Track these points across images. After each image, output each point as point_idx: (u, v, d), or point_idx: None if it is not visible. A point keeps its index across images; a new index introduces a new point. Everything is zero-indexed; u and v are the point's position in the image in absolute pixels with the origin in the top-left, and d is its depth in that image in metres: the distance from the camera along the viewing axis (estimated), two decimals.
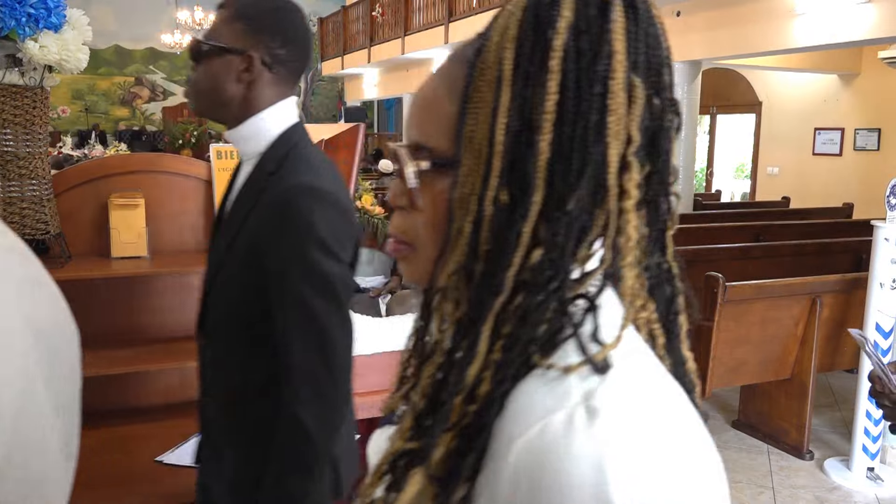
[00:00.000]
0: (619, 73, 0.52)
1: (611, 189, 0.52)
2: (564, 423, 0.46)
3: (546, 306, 0.51)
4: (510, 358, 0.50)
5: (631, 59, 0.53)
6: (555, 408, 0.47)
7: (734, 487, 3.33)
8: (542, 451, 0.46)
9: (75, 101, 16.25)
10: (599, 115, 0.51)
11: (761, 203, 8.62)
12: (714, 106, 10.69)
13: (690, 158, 7.71)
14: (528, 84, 0.52)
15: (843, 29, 5.88)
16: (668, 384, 0.52)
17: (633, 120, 0.52)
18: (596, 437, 0.45)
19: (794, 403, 3.73)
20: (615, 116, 0.52)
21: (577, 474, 0.45)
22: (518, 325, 0.51)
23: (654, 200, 0.56)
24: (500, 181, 0.53)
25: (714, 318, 3.42)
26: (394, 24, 12.97)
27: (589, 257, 0.53)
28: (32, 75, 1.90)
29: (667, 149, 0.56)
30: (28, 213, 1.98)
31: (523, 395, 0.49)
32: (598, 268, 0.52)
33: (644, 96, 0.53)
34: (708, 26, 7.15)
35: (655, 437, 0.47)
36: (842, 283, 3.76)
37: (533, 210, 0.52)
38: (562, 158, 0.51)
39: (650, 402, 0.49)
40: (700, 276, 3.59)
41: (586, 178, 0.52)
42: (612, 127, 0.52)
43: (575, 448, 0.45)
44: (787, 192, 8.76)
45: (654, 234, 0.56)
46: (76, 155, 9.08)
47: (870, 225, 3.50)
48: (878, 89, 8.56)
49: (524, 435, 0.47)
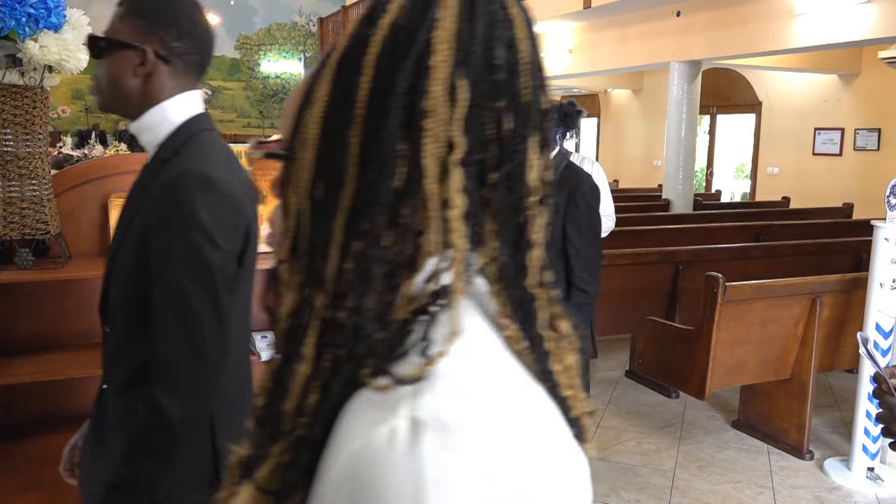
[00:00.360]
0: (438, 72, 0.49)
1: (430, 196, 0.49)
2: (388, 436, 0.45)
3: (372, 317, 0.48)
4: (339, 369, 0.49)
5: (459, 60, 0.50)
6: (381, 420, 0.46)
7: (734, 487, 3.34)
8: (362, 464, 0.45)
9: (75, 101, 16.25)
10: (407, 115, 0.49)
11: (761, 203, 8.62)
12: (714, 106, 10.70)
13: (690, 158, 7.71)
14: (346, 79, 0.52)
15: (843, 29, 5.89)
16: (508, 397, 0.49)
17: (454, 124, 0.49)
18: (417, 449, 0.44)
19: (794, 403, 3.73)
20: (433, 119, 0.49)
21: (395, 486, 0.44)
22: (348, 336, 0.49)
23: (504, 216, 0.53)
24: (316, 175, 0.52)
25: (714, 318, 3.42)
26: None
27: (418, 266, 0.50)
28: (32, 75, 1.90)
29: (519, 162, 0.53)
30: (28, 213, 1.98)
31: (354, 406, 0.48)
32: (431, 279, 0.49)
33: (468, 99, 0.50)
34: (708, 26, 7.15)
35: (480, 450, 0.45)
36: (842, 283, 3.76)
37: (342, 207, 0.50)
38: (373, 157, 0.50)
39: (480, 415, 0.46)
40: (700, 276, 3.59)
41: (397, 180, 0.49)
42: (430, 129, 0.49)
43: (395, 460, 0.44)
44: (787, 192, 8.77)
45: (508, 252, 0.54)
46: (76, 155, 9.07)
47: (870, 225, 3.50)
48: (878, 89, 8.56)
49: (348, 447, 0.46)
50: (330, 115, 0.52)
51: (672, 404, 4.41)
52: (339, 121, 0.51)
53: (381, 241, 0.49)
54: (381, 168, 0.49)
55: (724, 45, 7.02)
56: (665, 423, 4.12)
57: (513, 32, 0.53)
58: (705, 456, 3.69)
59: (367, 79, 0.51)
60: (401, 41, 0.50)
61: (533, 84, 0.53)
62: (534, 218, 0.54)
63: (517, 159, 0.53)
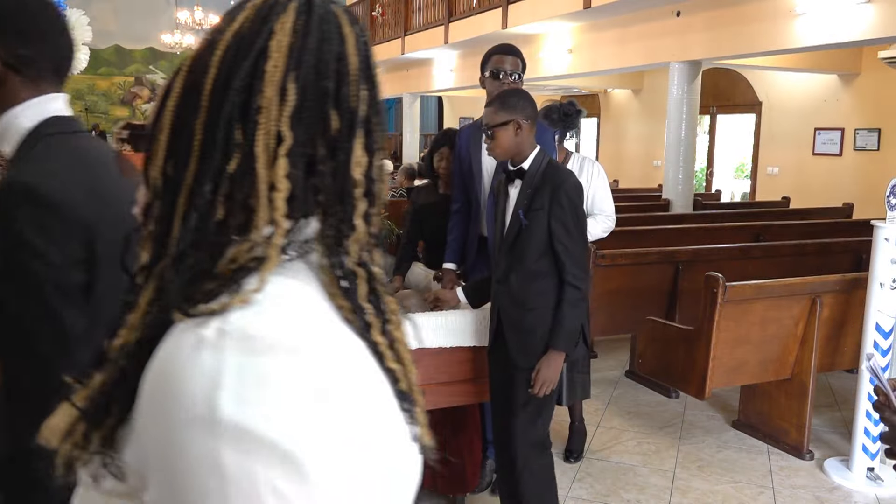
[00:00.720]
0: (271, 76, 0.59)
1: (259, 179, 0.58)
2: (194, 342, 0.52)
3: (200, 272, 0.57)
4: (163, 313, 0.56)
5: (291, 66, 0.60)
6: (190, 331, 0.53)
7: (734, 487, 3.34)
8: (168, 364, 0.52)
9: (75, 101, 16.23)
10: (243, 109, 0.59)
11: (761, 203, 8.62)
12: (714, 106, 10.69)
13: (690, 158, 7.71)
14: (196, 76, 0.61)
15: (843, 29, 5.88)
16: (311, 325, 0.57)
17: (284, 120, 0.59)
18: (220, 352, 0.51)
19: (794, 403, 3.73)
20: (265, 115, 0.59)
21: (193, 382, 0.50)
22: (177, 286, 0.57)
23: (331, 203, 0.62)
24: (168, 155, 0.61)
25: (714, 318, 3.42)
26: (394, 24, 12.98)
27: (246, 236, 0.59)
28: None
29: (344, 158, 0.63)
30: None
31: (171, 333, 0.55)
32: (252, 246, 0.58)
33: (296, 100, 0.60)
34: (708, 26, 7.15)
35: (279, 358, 0.52)
36: (842, 283, 3.76)
37: (186, 184, 0.59)
38: (213, 144, 0.59)
39: (282, 330, 0.54)
40: (700, 276, 3.59)
41: (232, 164, 0.58)
42: (263, 123, 0.59)
43: (197, 361, 0.51)
44: (787, 192, 8.76)
45: (332, 235, 0.63)
46: None
47: (870, 225, 3.50)
48: (878, 89, 8.56)
49: (160, 356, 0.54)
50: (182, 105, 0.61)
51: (672, 404, 4.41)
52: (189, 110, 0.60)
53: (214, 215, 0.58)
54: (219, 153, 0.59)
55: (724, 45, 7.01)
56: (665, 423, 4.12)
57: (344, 48, 0.64)
58: (705, 456, 3.69)
59: (211, 77, 0.60)
60: (241, 47, 0.61)
61: (361, 93, 0.64)
62: (357, 207, 0.64)
63: (342, 156, 0.63)
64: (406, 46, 12.43)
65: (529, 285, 2.39)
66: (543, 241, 2.35)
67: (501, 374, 2.49)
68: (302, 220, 0.62)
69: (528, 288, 2.40)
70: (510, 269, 2.42)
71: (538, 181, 2.36)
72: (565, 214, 2.32)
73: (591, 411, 4.17)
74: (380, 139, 0.66)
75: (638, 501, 3.22)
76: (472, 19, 10.13)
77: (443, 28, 11.03)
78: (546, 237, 2.34)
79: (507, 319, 2.45)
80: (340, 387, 0.55)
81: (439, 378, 2.58)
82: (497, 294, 2.49)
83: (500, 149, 2.39)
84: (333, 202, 0.63)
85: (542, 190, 2.34)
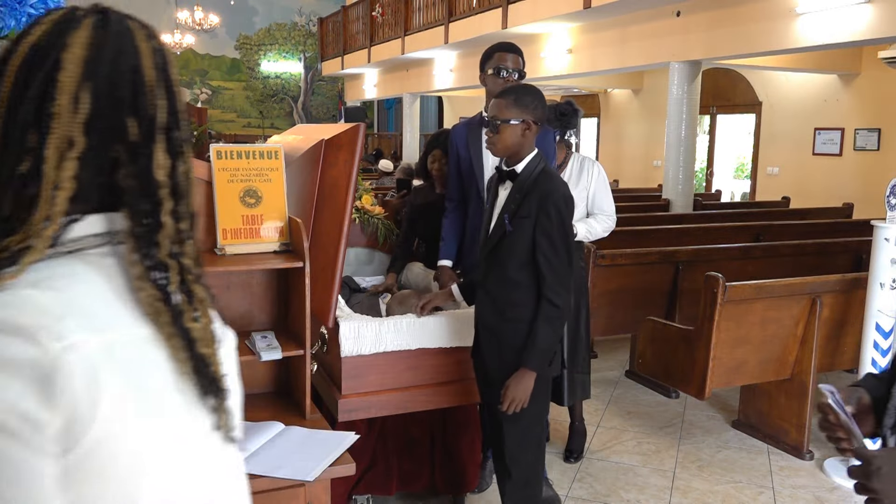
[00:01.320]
0: (64, 85, 0.66)
1: (46, 179, 0.65)
2: None
3: None
4: None
5: (85, 77, 0.67)
6: None
7: (734, 487, 3.34)
8: None
9: None
10: (37, 115, 0.65)
11: (761, 203, 8.61)
12: (714, 106, 10.69)
13: (690, 158, 7.70)
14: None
15: (843, 29, 5.88)
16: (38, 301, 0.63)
17: (76, 127, 0.66)
18: None
19: (794, 403, 3.73)
20: (58, 121, 0.65)
21: None
22: None
23: (136, 202, 0.70)
24: None
25: (714, 318, 3.42)
26: (394, 24, 12.97)
27: (28, 229, 0.66)
28: None
29: (145, 161, 0.70)
30: None
31: None
32: (24, 237, 0.65)
33: (89, 108, 0.66)
34: (708, 26, 7.15)
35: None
36: (842, 283, 3.76)
37: None
38: (7, 145, 0.66)
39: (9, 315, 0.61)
40: (700, 276, 3.59)
41: (24, 165, 0.65)
42: (55, 129, 0.65)
43: None
44: (787, 192, 8.76)
45: (141, 231, 0.70)
46: None
47: (870, 225, 3.50)
48: (878, 89, 8.56)
49: None
50: None
51: (672, 404, 4.41)
52: None
53: (2, 210, 0.66)
54: (13, 155, 0.65)
55: (724, 45, 7.01)
56: (665, 423, 4.12)
57: (139, 61, 0.70)
58: (705, 456, 3.69)
59: (7, 84, 0.67)
60: (37, 57, 0.67)
61: (158, 102, 0.71)
62: (164, 205, 0.71)
63: (143, 160, 0.70)
64: (406, 46, 12.43)
65: (509, 294, 2.29)
66: (526, 251, 2.23)
67: (482, 381, 2.46)
68: (92, 217, 0.69)
69: (507, 297, 2.29)
70: (490, 272, 2.33)
71: (528, 187, 2.24)
72: (551, 226, 2.19)
73: (591, 411, 4.17)
74: (182, 144, 0.73)
75: (638, 501, 3.22)
76: (472, 19, 10.13)
77: (443, 28, 11.03)
78: (529, 247, 2.22)
79: (485, 326, 2.37)
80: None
81: (439, 378, 2.57)
82: (479, 298, 2.40)
83: (501, 145, 2.27)
84: (139, 201, 0.70)
85: (531, 197, 2.22)
